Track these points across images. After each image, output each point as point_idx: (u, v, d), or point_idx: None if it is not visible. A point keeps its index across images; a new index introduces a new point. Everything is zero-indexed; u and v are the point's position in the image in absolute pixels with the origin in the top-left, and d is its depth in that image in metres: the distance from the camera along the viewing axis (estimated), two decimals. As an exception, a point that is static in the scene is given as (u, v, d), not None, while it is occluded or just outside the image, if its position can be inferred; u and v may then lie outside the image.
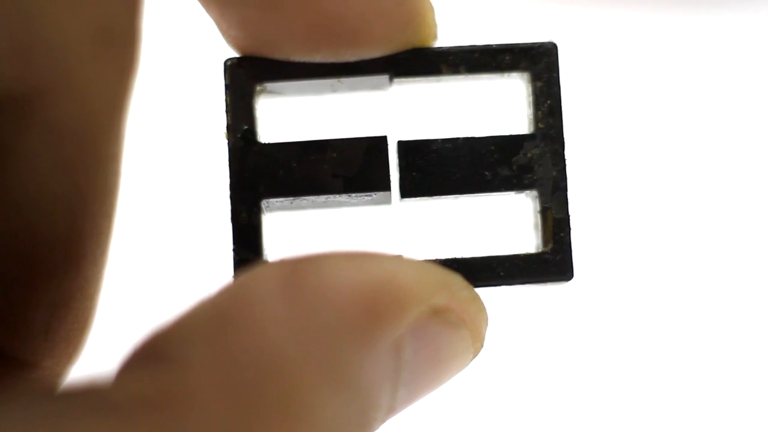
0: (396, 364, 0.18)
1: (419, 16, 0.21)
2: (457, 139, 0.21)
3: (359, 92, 0.22)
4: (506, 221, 0.23)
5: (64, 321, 0.20)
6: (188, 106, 0.43)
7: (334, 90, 0.22)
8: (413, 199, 0.21)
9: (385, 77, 0.21)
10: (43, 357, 0.20)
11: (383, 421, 0.18)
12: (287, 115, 0.22)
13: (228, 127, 0.21)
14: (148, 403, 0.16)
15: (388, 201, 0.22)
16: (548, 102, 0.21)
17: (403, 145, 0.21)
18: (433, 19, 0.21)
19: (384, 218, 0.22)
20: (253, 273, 0.18)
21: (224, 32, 0.21)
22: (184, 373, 0.16)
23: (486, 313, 0.20)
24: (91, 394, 0.16)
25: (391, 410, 0.19)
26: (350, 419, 0.17)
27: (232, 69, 0.21)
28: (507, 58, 0.22)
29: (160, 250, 0.42)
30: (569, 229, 0.21)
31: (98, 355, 0.19)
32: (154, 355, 0.17)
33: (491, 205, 0.22)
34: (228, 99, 0.21)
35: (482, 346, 0.20)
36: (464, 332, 0.19)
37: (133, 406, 0.16)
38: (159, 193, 0.42)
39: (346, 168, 0.21)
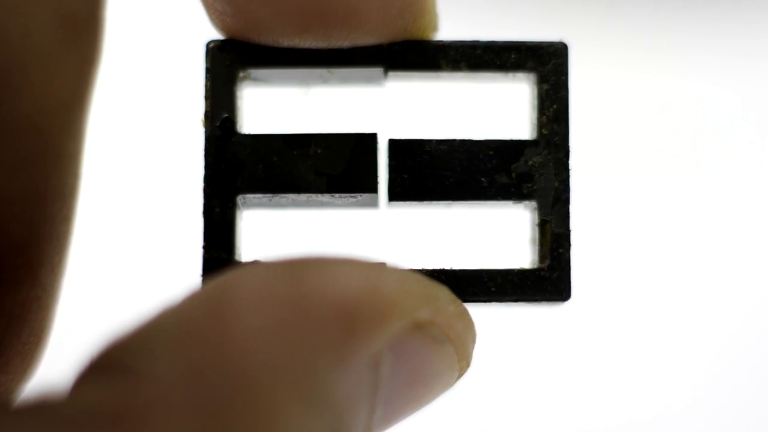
0: (374, 381, 0.17)
1: (419, 1, 0.20)
2: (453, 140, 0.20)
3: (351, 86, 0.21)
4: (501, 232, 0.21)
5: (19, 333, 0.20)
6: (153, 105, 0.42)
7: (323, 81, 0.21)
8: (402, 203, 0.20)
9: (379, 70, 0.20)
10: None
11: None
12: (271, 105, 0.21)
13: (206, 115, 0.20)
14: (103, 416, 0.15)
15: (374, 204, 0.20)
16: (554, 107, 0.20)
17: (394, 144, 0.20)
18: (434, 7, 0.20)
19: (369, 221, 0.21)
20: (225, 279, 0.17)
21: (210, 7, 0.20)
22: (143, 385, 0.15)
23: (474, 330, 0.19)
24: (42, 409, 0.16)
25: (369, 430, 0.18)
26: None
27: (214, 52, 0.20)
28: (512, 56, 0.20)
29: (125, 254, 0.41)
30: (569, 245, 0.20)
31: (54, 371, 0.18)
32: (112, 366, 0.16)
33: (486, 214, 0.21)
34: (208, 84, 0.20)
35: (469, 366, 0.19)
36: (449, 349, 0.18)
37: (86, 421, 0.15)
38: (122, 194, 0.42)
39: (330, 166, 0.20)
